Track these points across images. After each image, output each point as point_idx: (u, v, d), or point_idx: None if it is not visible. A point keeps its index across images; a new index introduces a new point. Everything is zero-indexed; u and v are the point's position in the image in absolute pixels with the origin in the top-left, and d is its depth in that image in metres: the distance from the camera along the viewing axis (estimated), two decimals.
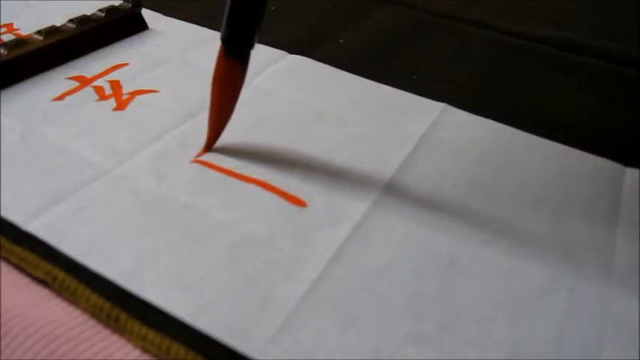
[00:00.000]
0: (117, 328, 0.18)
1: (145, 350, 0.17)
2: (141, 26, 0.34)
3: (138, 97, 0.28)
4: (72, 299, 0.18)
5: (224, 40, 0.23)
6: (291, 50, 0.33)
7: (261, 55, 0.32)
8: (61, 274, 0.19)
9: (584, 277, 0.20)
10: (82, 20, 0.31)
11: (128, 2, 0.33)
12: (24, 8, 0.36)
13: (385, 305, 0.19)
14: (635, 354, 0.18)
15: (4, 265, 0.20)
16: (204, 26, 0.35)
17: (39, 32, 0.30)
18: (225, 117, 0.24)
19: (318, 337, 0.18)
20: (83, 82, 0.29)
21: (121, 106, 0.28)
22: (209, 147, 0.25)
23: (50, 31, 0.30)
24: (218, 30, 0.34)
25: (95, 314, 0.18)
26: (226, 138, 0.25)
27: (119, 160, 0.24)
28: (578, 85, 0.32)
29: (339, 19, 0.38)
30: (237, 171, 0.24)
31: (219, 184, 0.23)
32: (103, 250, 0.20)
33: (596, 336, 0.18)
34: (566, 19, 0.39)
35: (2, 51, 0.28)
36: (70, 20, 0.31)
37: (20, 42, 0.29)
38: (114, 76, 0.30)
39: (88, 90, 0.29)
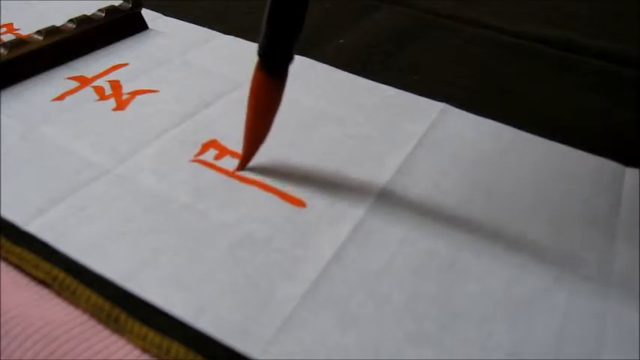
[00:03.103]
0: (117, 328, 0.18)
1: (145, 350, 0.17)
2: (141, 26, 0.34)
3: (138, 97, 0.28)
4: (72, 299, 0.18)
5: (261, 54, 0.22)
6: None
7: None
8: (61, 274, 0.19)
9: (584, 278, 0.20)
10: (82, 20, 0.31)
11: (128, 2, 0.33)
12: (24, 8, 0.36)
13: (385, 305, 0.19)
14: (635, 354, 0.18)
15: (4, 265, 0.20)
16: (204, 26, 0.35)
17: (39, 32, 0.30)
18: (262, 134, 0.23)
19: (318, 337, 0.18)
20: (83, 82, 0.29)
21: (121, 106, 0.28)
22: (243, 166, 0.24)
23: (50, 31, 0.30)
24: (218, 30, 0.35)
25: (95, 314, 0.18)
26: (227, 138, 0.25)
27: (119, 160, 0.24)
28: (578, 85, 0.32)
29: (339, 19, 0.38)
30: (237, 172, 0.24)
31: (219, 185, 0.23)
32: (103, 250, 0.20)
33: (596, 336, 0.18)
34: (566, 19, 0.39)
35: (2, 51, 0.28)
36: (70, 20, 0.31)
37: (20, 42, 0.29)
38: (114, 76, 0.30)
39: (88, 90, 0.29)
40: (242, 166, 0.24)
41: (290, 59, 0.22)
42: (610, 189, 0.24)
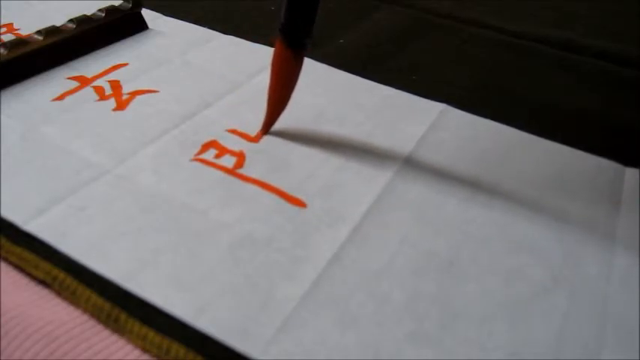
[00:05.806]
0: (117, 328, 0.18)
1: (145, 350, 0.17)
2: (141, 26, 0.34)
3: (138, 97, 0.28)
4: (72, 299, 0.18)
5: (282, 30, 0.24)
6: None
7: (261, 54, 0.32)
8: (61, 274, 0.19)
9: (584, 277, 0.20)
10: (82, 20, 0.31)
11: (128, 2, 0.33)
12: (24, 8, 0.36)
13: (385, 305, 0.19)
14: (635, 354, 0.18)
15: (4, 265, 0.20)
16: (204, 26, 0.35)
17: (39, 32, 0.30)
18: (282, 103, 0.25)
19: (318, 337, 0.18)
20: (83, 82, 0.29)
21: (121, 106, 0.28)
22: (265, 131, 0.26)
23: (50, 31, 0.30)
24: (218, 30, 0.35)
25: (95, 314, 0.18)
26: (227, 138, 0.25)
27: (119, 160, 0.24)
28: (578, 85, 0.32)
29: (339, 19, 0.38)
30: (237, 171, 0.24)
31: (219, 184, 0.23)
32: (103, 250, 0.20)
33: (596, 336, 0.18)
34: (566, 19, 0.39)
35: (2, 51, 0.28)
36: (70, 20, 0.31)
37: (20, 42, 0.29)
38: (114, 76, 0.30)
39: (88, 90, 0.29)
40: (264, 131, 0.26)
41: (308, 34, 0.24)
42: (610, 189, 0.24)
